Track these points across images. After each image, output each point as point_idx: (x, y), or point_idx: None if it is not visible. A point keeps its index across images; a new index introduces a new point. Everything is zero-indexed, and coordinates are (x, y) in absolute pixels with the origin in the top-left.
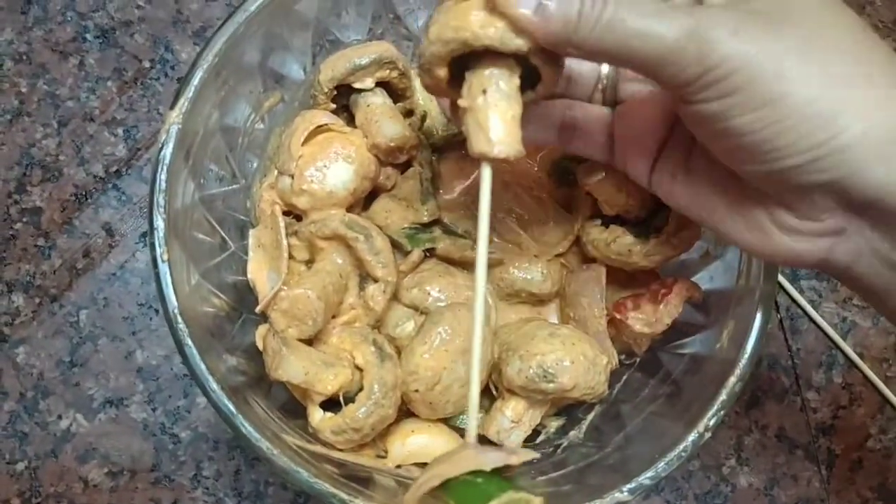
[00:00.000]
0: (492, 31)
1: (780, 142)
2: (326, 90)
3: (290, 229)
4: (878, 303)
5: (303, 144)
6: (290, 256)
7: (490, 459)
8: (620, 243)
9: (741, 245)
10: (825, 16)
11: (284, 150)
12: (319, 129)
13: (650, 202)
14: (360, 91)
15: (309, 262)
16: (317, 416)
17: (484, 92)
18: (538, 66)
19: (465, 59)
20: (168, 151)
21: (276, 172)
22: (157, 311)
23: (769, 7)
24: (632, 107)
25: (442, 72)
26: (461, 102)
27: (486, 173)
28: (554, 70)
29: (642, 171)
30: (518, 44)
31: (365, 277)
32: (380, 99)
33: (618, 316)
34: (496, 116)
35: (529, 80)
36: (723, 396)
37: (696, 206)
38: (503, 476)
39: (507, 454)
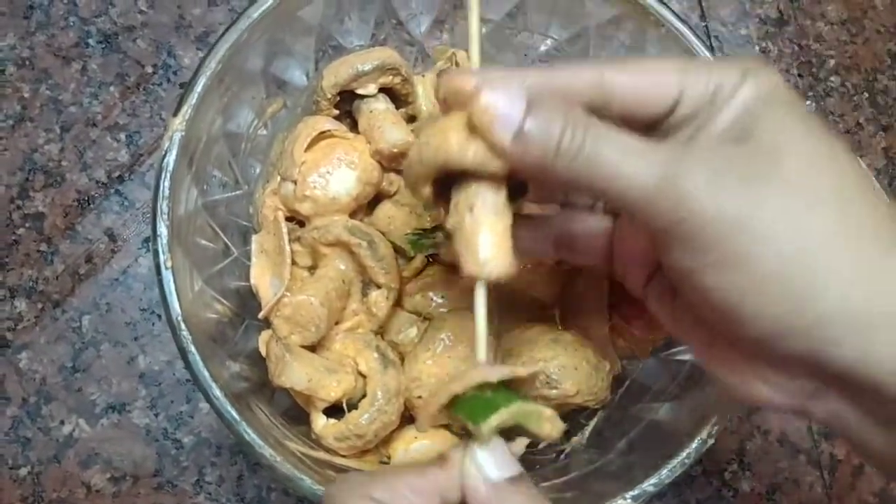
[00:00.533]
0: (471, 154)
1: (746, 308)
2: (329, 96)
3: (292, 235)
4: (863, 454)
5: (305, 150)
6: (293, 262)
7: (496, 372)
8: None
9: (721, 382)
10: (817, 159)
11: (287, 155)
12: (322, 136)
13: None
14: (363, 97)
15: (312, 268)
16: (320, 422)
17: (470, 210)
18: (525, 180)
19: (451, 175)
20: (171, 158)
21: (278, 178)
22: (159, 316)
23: (756, 149)
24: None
25: (427, 190)
26: (448, 221)
27: (480, 292)
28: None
29: (636, 284)
30: (498, 166)
31: (368, 283)
32: (382, 105)
33: (618, 321)
34: (484, 235)
35: (520, 188)
36: (727, 403)
37: (681, 332)
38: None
39: (513, 368)
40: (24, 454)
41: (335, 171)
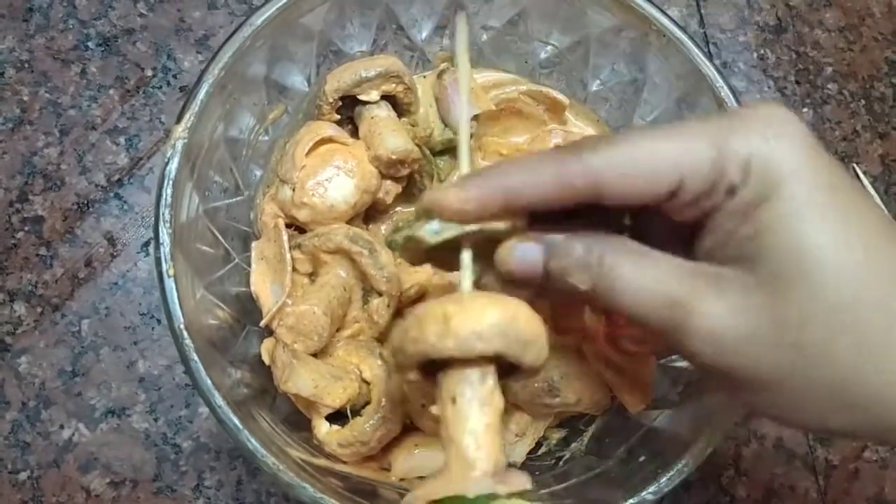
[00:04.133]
0: (450, 343)
1: (811, 424)
2: (331, 100)
3: (292, 242)
4: None
5: (306, 155)
6: (294, 269)
7: (476, 487)
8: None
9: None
10: (844, 264)
11: (288, 158)
12: (322, 141)
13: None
14: (364, 103)
15: (312, 275)
16: (323, 428)
17: (453, 401)
18: (514, 358)
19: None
20: (174, 166)
21: (278, 183)
22: (158, 320)
23: (767, 280)
24: None
25: (413, 375)
26: (433, 410)
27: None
28: (534, 364)
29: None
30: (481, 348)
31: (369, 291)
32: (384, 112)
33: (608, 330)
34: (468, 433)
35: (510, 368)
36: (726, 412)
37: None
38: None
39: (495, 482)
40: (23, 458)
41: (334, 179)
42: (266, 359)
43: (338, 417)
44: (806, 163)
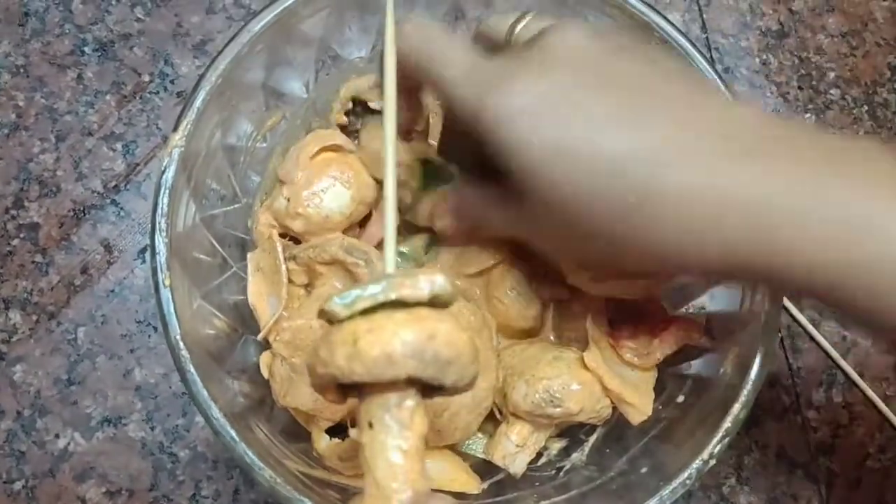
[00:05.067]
0: (358, 368)
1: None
2: (344, 100)
3: (287, 254)
4: None
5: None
6: (290, 281)
7: None
8: None
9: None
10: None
11: (291, 160)
12: (323, 150)
13: None
14: (373, 112)
15: (308, 286)
16: (322, 442)
17: (370, 425)
18: (432, 381)
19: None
20: (170, 174)
21: (275, 191)
22: (155, 328)
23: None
24: None
25: (332, 396)
26: (351, 434)
27: None
28: (457, 385)
29: None
30: (391, 373)
31: None
32: None
33: (611, 341)
34: (383, 458)
35: (436, 387)
36: (727, 424)
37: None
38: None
39: None
40: (18, 468)
41: (329, 190)
42: (265, 372)
43: (337, 430)
44: None
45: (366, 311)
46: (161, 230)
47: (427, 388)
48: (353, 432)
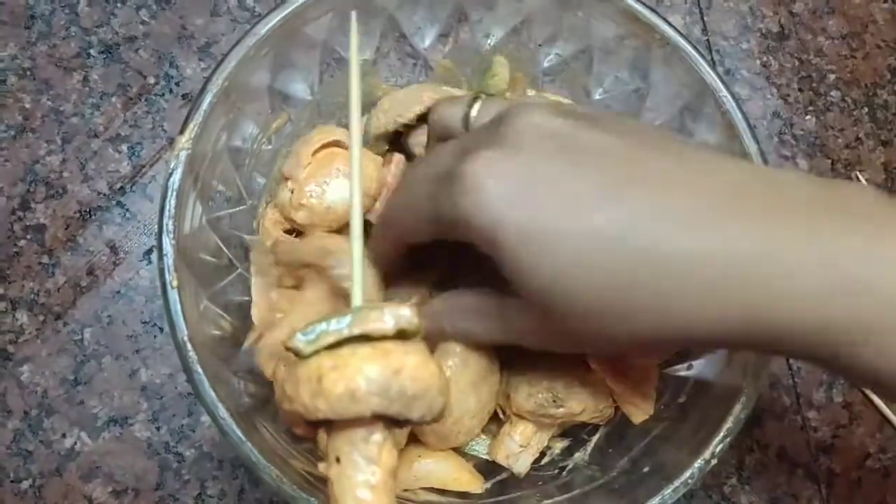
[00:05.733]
0: (321, 406)
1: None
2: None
3: (272, 258)
4: None
5: (312, 155)
6: (280, 283)
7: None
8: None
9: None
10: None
11: (294, 156)
12: (327, 145)
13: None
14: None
15: (297, 287)
16: (326, 441)
17: (337, 460)
18: (398, 416)
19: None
20: (177, 177)
21: (282, 186)
22: (161, 329)
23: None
24: None
25: (301, 430)
26: (320, 468)
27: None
28: (424, 419)
29: None
30: (355, 410)
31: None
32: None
33: None
34: (351, 492)
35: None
36: (729, 424)
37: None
38: None
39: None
40: (25, 467)
41: (332, 182)
42: (269, 374)
43: None
44: None
45: (332, 346)
46: (168, 232)
47: (395, 421)
48: (321, 466)
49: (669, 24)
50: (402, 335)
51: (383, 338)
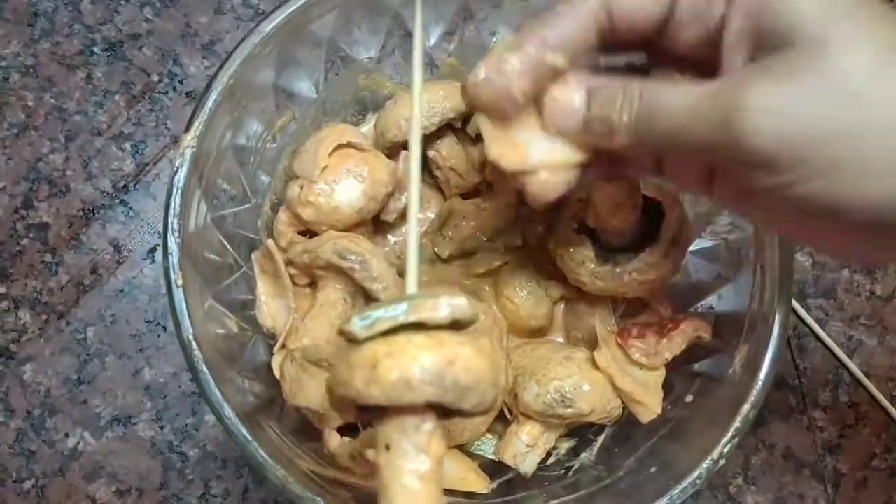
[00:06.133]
0: (376, 392)
1: (852, 202)
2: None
3: (285, 258)
4: None
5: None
6: (293, 283)
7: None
8: (579, 252)
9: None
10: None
11: (309, 156)
12: (342, 145)
13: (637, 233)
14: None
15: (311, 285)
16: (334, 440)
17: (387, 447)
18: (451, 406)
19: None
20: (182, 175)
21: (292, 184)
22: (164, 328)
23: (797, 53)
24: None
25: (351, 416)
26: (369, 455)
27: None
28: (476, 410)
29: (689, 181)
30: (409, 398)
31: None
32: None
33: (619, 340)
34: (398, 485)
35: (450, 411)
36: (737, 424)
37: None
38: None
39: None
40: (28, 467)
41: (342, 182)
42: (276, 373)
43: (348, 429)
44: None
45: (386, 333)
46: (174, 230)
47: (446, 411)
48: (370, 453)
49: None
50: (456, 325)
51: (437, 327)
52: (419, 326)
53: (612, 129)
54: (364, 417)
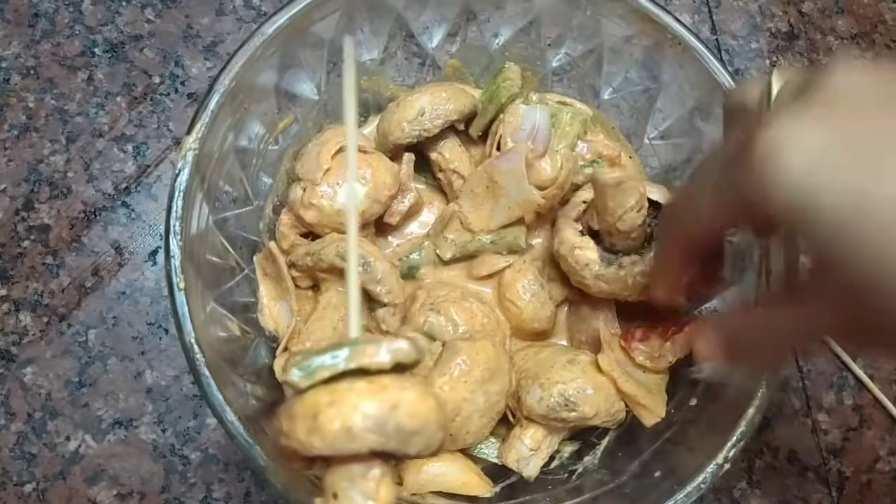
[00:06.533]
0: (317, 443)
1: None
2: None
3: (288, 260)
4: None
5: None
6: (295, 286)
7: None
8: (584, 254)
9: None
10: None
11: (312, 158)
12: (343, 147)
13: (641, 235)
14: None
15: (313, 287)
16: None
17: (335, 496)
18: (396, 452)
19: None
20: (184, 177)
21: (295, 185)
22: (166, 330)
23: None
24: None
25: (298, 464)
26: (317, 503)
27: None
28: (422, 454)
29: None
30: (351, 448)
31: (372, 300)
32: (450, 142)
33: (622, 343)
34: None
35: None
36: (742, 427)
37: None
38: None
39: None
40: (29, 470)
41: (345, 184)
42: (279, 376)
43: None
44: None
45: (328, 380)
46: (176, 233)
47: (392, 456)
48: (318, 501)
49: (681, 23)
50: (399, 368)
51: (380, 371)
52: (362, 372)
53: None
54: (311, 466)
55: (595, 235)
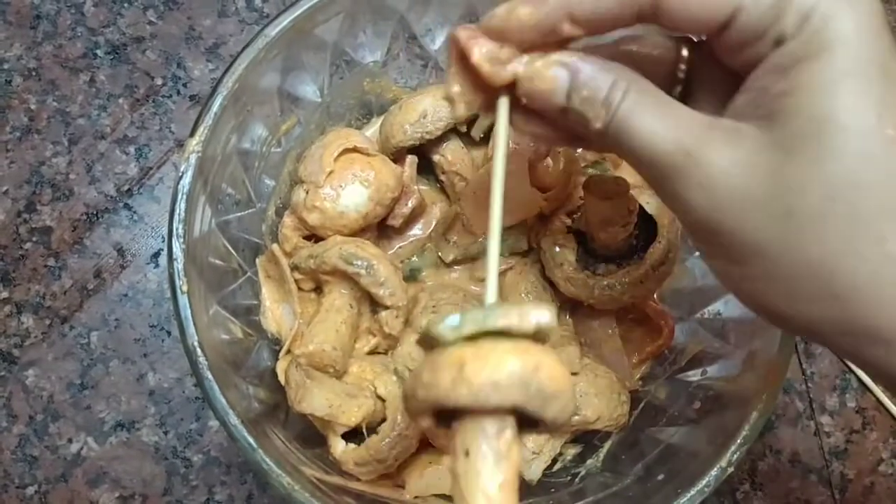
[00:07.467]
0: (464, 391)
1: (784, 311)
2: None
3: (291, 263)
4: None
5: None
6: (298, 288)
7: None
8: (562, 252)
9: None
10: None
11: (315, 161)
12: (348, 150)
13: (625, 248)
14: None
15: (317, 290)
16: (339, 447)
17: (466, 454)
18: (534, 413)
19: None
20: (187, 180)
21: (298, 190)
22: (168, 332)
23: (794, 135)
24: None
25: (426, 422)
26: (446, 462)
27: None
28: (556, 420)
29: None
30: (496, 400)
31: (376, 302)
32: (453, 144)
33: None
34: (480, 487)
35: (532, 421)
36: (746, 430)
37: None
38: None
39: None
40: (31, 473)
41: (348, 186)
42: (283, 378)
43: (353, 434)
44: (865, 34)
45: (469, 338)
46: (178, 236)
47: (523, 423)
48: (446, 461)
49: None
50: (538, 337)
51: (521, 336)
52: (503, 334)
53: (588, 122)
54: (436, 423)
55: (581, 236)
